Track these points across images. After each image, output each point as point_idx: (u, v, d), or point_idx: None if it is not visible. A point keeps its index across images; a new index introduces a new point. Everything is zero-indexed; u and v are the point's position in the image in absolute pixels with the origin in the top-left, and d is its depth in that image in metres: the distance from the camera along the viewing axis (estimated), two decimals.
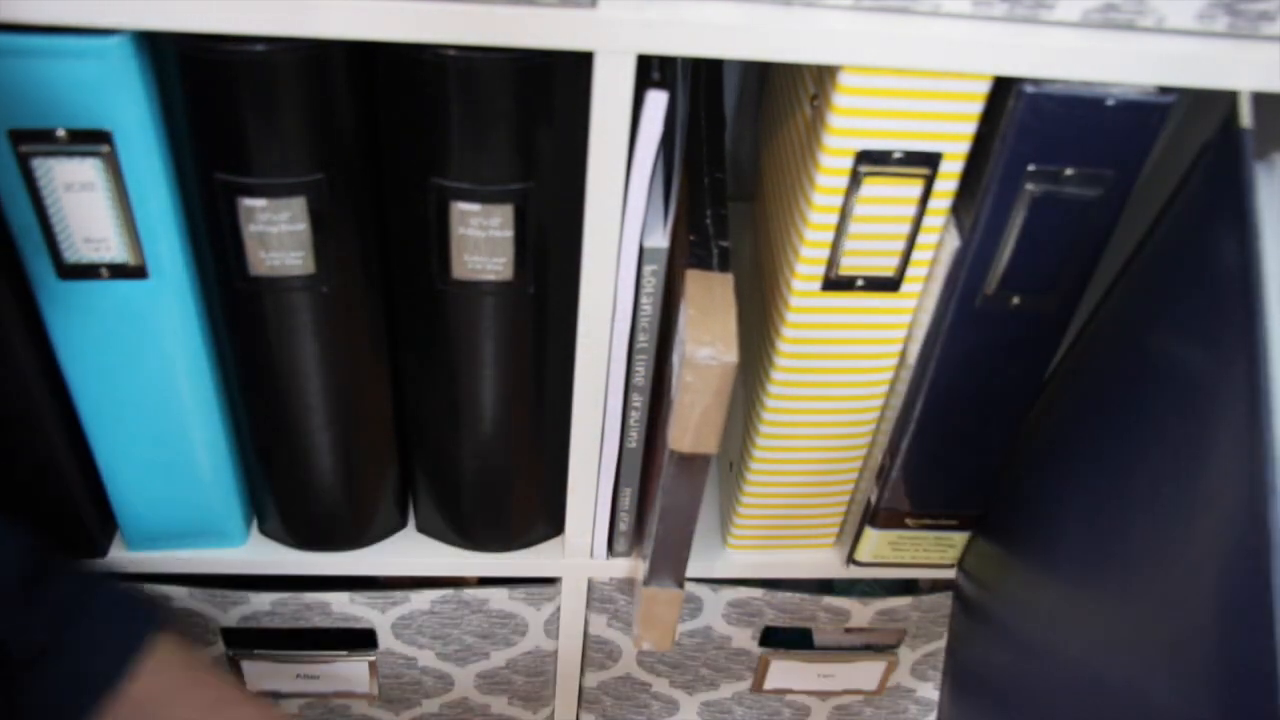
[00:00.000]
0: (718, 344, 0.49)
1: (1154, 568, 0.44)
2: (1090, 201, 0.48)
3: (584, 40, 0.43)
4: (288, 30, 0.43)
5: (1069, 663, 0.51)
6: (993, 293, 0.52)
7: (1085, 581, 0.51)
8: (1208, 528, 0.41)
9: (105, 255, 0.50)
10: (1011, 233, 0.49)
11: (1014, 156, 0.47)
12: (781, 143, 0.60)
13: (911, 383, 0.57)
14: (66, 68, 0.43)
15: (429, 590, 0.69)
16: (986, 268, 0.51)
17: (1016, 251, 0.50)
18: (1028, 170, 0.47)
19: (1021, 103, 0.45)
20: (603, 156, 0.47)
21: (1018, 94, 0.45)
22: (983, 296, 0.52)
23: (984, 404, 0.57)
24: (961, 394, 0.56)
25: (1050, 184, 0.48)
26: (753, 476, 0.63)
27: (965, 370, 0.55)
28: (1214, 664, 0.39)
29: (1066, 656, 0.51)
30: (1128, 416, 0.50)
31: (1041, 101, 0.45)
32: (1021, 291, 0.52)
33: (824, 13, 0.44)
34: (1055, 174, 0.47)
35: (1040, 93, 0.45)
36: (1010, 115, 0.46)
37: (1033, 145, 0.47)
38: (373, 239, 0.52)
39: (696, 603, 0.71)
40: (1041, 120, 0.46)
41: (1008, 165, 0.47)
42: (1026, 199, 0.48)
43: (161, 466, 0.59)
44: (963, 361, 0.55)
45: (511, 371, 0.56)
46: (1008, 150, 0.47)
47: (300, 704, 0.77)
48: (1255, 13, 0.44)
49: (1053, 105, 0.45)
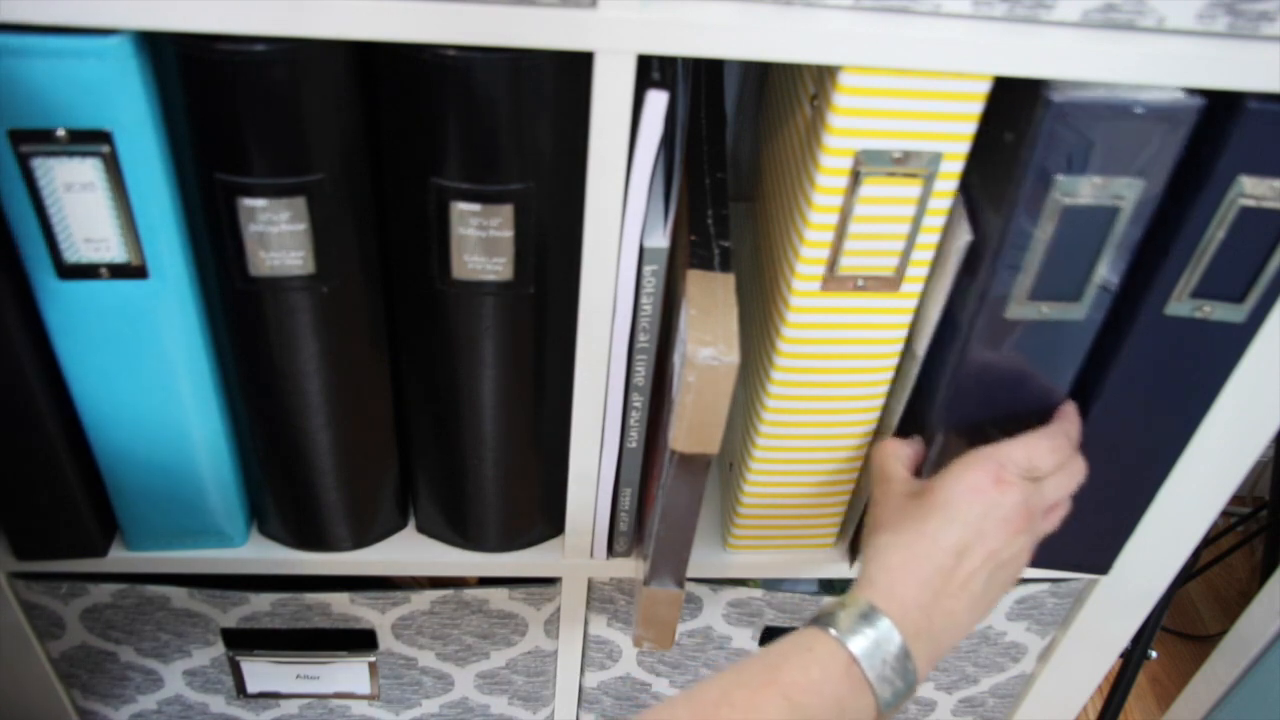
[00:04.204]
0: (719, 344, 0.49)
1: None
2: (1117, 209, 0.48)
3: (584, 40, 0.43)
4: (288, 30, 0.43)
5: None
6: (1023, 302, 0.51)
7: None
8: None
9: (105, 255, 0.50)
10: (1041, 242, 0.49)
11: (1040, 164, 0.47)
12: (781, 143, 0.60)
13: (929, 383, 0.57)
14: (66, 68, 0.43)
15: (429, 590, 0.69)
16: (1013, 277, 0.51)
17: (1046, 260, 0.50)
18: (1055, 179, 0.47)
19: (1049, 111, 0.45)
20: (603, 157, 0.47)
21: (1045, 102, 0.45)
22: (1013, 305, 0.52)
23: (1009, 409, 0.57)
24: (987, 399, 0.56)
25: (1077, 192, 0.47)
26: (753, 476, 0.62)
27: (990, 377, 0.55)
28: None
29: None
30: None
31: (1068, 109, 0.45)
32: (1050, 300, 0.52)
33: (824, 13, 0.44)
34: (1082, 182, 0.47)
35: (1067, 100, 0.45)
36: (1037, 123, 0.45)
37: (1060, 153, 0.46)
38: (373, 239, 0.52)
39: (696, 603, 0.71)
40: (1068, 128, 0.45)
41: (1035, 172, 0.47)
42: (1055, 207, 0.48)
43: (161, 466, 0.59)
44: (987, 369, 0.55)
45: (511, 371, 0.56)
46: (1034, 158, 0.46)
47: (300, 704, 0.77)
48: (1255, 13, 0.44)
49: (1079, 112, 0.45)
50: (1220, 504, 0.64)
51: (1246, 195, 0.48)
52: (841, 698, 0.46)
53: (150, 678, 0.74)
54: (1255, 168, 0.47)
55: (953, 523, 0.51)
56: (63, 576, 0.67)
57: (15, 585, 0.67)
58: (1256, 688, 0.91)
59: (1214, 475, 0.62)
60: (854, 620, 0.47)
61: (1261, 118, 0.46)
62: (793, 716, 0.44)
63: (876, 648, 0.47)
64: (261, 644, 0.72)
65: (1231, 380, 0.56)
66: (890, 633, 0.47)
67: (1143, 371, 0.55)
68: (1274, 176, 0.48)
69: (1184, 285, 0.52)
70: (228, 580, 0.68)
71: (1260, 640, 0.90)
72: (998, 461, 0.52)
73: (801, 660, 0.46)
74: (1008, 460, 0.52)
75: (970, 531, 0.50)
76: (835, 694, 0.46)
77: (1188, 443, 0.60)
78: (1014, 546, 0.51)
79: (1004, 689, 0.80)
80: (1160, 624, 1.11)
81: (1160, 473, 0.61)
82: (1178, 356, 0.55)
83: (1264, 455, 1.41)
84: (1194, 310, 0.53)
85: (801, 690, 0.45)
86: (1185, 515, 0.64)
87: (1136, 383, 0.56)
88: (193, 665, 0.73)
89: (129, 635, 0.71)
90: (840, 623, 0.47)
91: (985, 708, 0.82)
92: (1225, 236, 0.50)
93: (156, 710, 0.77)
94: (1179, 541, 0.66)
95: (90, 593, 0.68)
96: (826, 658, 0.46)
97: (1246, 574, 1.54)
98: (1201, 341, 0.54)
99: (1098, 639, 0.74)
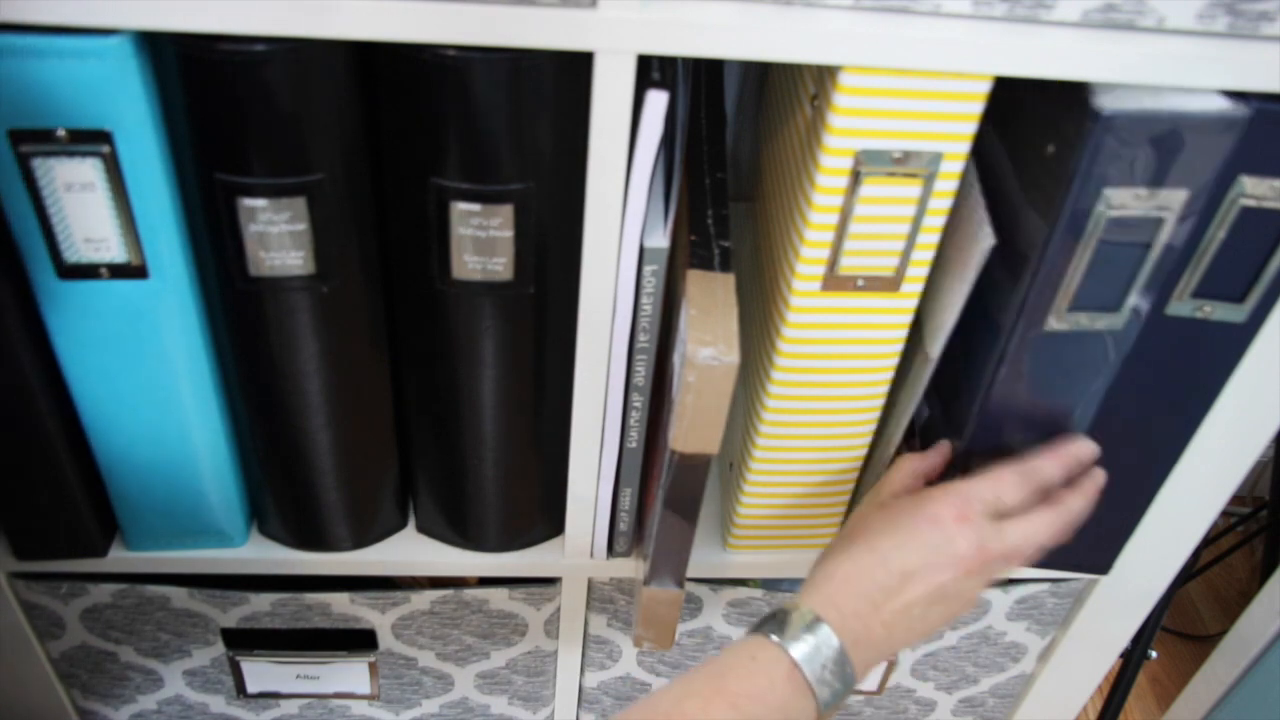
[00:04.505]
0: (719, 344, 0.49)
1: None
2: (1162, 220, 0.48)
3: (584, 40, 0.43)
4: (288, 30, 0.43)
5: None
6: (1063, 314, 0.51)
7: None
8: None
9: (105, 255, 0.50)
10: (1086, 252, 0.49)
11: (1087, 175, 0.46)
12: (781, 143, 0.60)
13: (958, 390, 0.57)
14: (66, 68, 0.43)
15: (429, 590, 0.69)
16: (1055, 288, 0.50)
17: (1088, 271, 0.49)
18: (1103, 191, 0.47)
19: (1098, 124, 0.44)
20: (603, 156, 0.47)
21: (1093, 114, 0.44)
22: (1053, 317, 0.51)
23: (1040, 420, 0.57)
24: (1020, 408, 0.56)
25: (1123, 204, 0.47)
26: (753, 476, 0.62)
27: (1025, 386, 0.55)
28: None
29: None
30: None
31: (1117, 121, 0.44)
32: (1087, 310, 0.51)
33: (824, 13, 0.44)
34: (1128, 193, 0.47)
35: (1117, 113, 0.44)
36: (1085, 135, 0.45)
37: (1107, 165, 0.46)
38: (372, 239, 0.52)
39: (696, 603, 0.71)
40: (1117, 139, 0.45)
41: (1081, 184, 0.46)
42: (1101, 219, 0.48)
43: (161, 466, 0.59)
44: (1022, 378, 0.54)
45: (511, 371, 0.56)
46: (1081, 169, 0.46)
47: (300, 704, 0.77)
48: (1255, 13, 0.44)
49: (1129, 124, 0.45)
50: (1220, 504, 0.64)
51: (1246, 195, 0.48)
52: (785, 701, 0.48)
53: (150, 678, 0.74)
54: (1255, 168, 0.47)
55: (904, 547, 0.52)
56: (63, 576, 0.67)
57: (15, 585, 0.67)
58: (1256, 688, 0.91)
59: (1214, 475, 0.62)
60: (794, 627, 0.50)
61: (1261, 118, 0.46)
62: None
63: (816, 652, 0.49)
64: (261, 644, 0.72)
65: (1232, 380, 0.56)
66: (829, 637, 0.49)
67: (1143, 371, 0.55)
68: (1274, 176, 0.48)
69: (1184, 285, 0.52)
70: (228, 580, 0.68)
71: (1260, 640, 0.90)
72: (964, 498, 0.53)
73: (747, 669, 0.48)
74: (974, 498, 0.53)
75: (919, 559, 0.51)
76: (779, 699, 0.48)
77: (1188, 443, 0.60)
78: (961, 585, 0.52)
79: (1004, 689, 0.80)
80: (1160, 624, 1.11)
81: (1160, 473, 0.61)
82: (1178, 356, 0.55)
83: (1264, 455, 1.41)
84: (1194, 310, 0.53)
85: (748, 698, 0.47)
86: (1185, 515, 0.64)
87: (1136, 383, 0.56)
88: (193, 665, 0.73)
89: (129, 635, 0.71)
90: (781, 630, 0.50)
91: (985, 708, 0.82)
92: (1225, 236, 0.50)
93: (156, 710, 0.77)
94: (1179, 541, 0.66)
95: (90, 593, 0.68)
96: (770, 664, 0.49)
97: (1246, 574, 1.54)
98: (1202, 341, 0.54)
99: (1098, 639, 0.74)
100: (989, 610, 0.73)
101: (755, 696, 0.47)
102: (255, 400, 0.57)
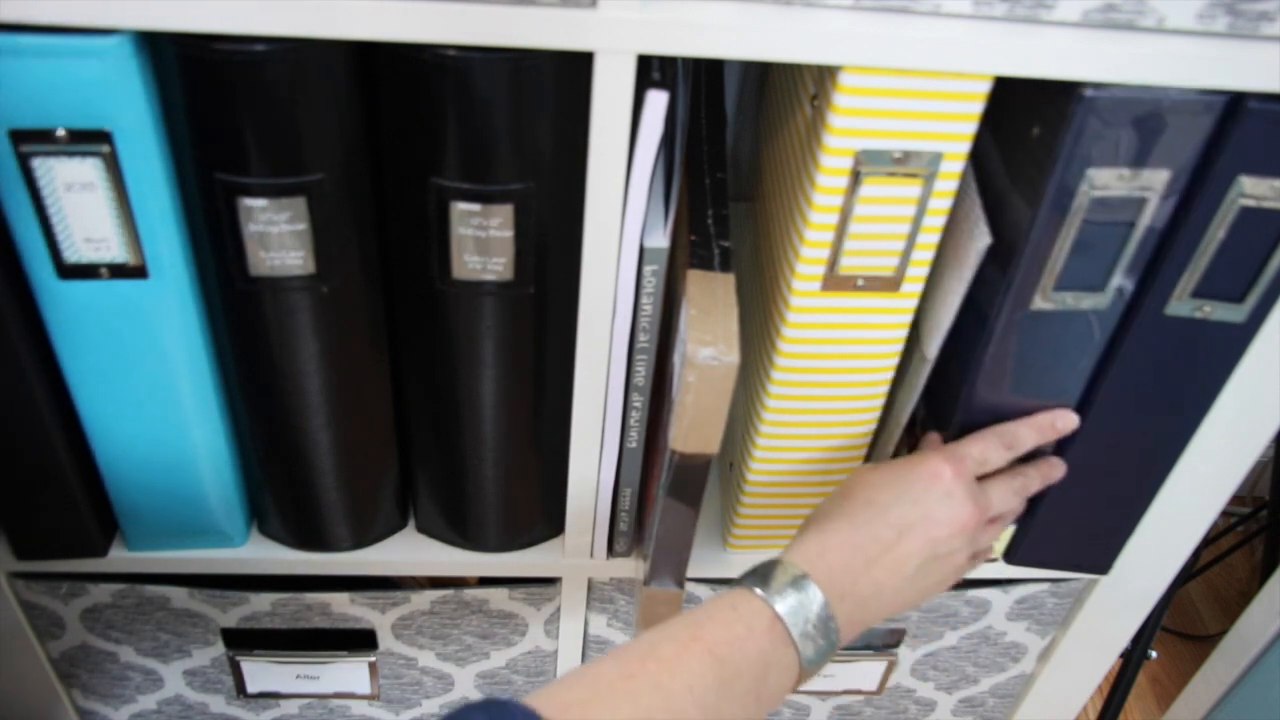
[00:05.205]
0: (719, 344, 0.49)
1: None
2: (1144, 200, 0.48)
3: (584, 40, 0.43)
4: (288, 30, 0.43)
5: None
6: (1048, 293, 0.52)
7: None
8: None
9: (105, 255, 0.50)
10: (1070, 232, 0.49)
11: (1071, 156, 0.47)
12: (781, 143, 0.60)
13: (949, 380, 0.57)
14: (66, 68, 0.43)
15: (429, 590, 0.69)
16: (1041, 268, 0.51)
17: (1073, 251, 0.50)
18: (1086, 172, 0.47)
19: (1081, 105, 0.45)
20: (603, 156, 0.47)
21: (1077, 96, 0.45)
22: (1038, 297, 0.52)
23: (1026, 402, 0.57)
24: (1008, 391, 0.56)
25: (1106, 184, 0.48)
26: (753, 476, 0.62)
27: (1012, 369, 0.55)
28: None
29: None
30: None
31: (1100, 103, 0.45)
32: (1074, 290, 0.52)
33: (824, 13, 0.44)
34: (1111, 174, 0.47)
35: (1099, 95, 0.45)
36: (1069, 117, 0.46)
37: (1091, 146, 0.46)
38: (372, 239, 0.52)
39: (697, 603, 0.71)
40: (1100, 120, 0.45)
41: (1065, 165, 0.47)
42: (1085, 199, 0.48)
43: (161, 466, 0.59)
44: (1010, 360, 0.55)
45: (511, 371, 0.56)
46: (1065, 151, 0.46)
47: (300, 704, 0.77)
48: (1255, 13, 0.44)
49: (1111, 106, 0.45)
50: (1220, 504, 0.64)
51: (1246, 195, 0.48)
52: (764, 652, 0.47)
53: (150, 678, 0.74)
54: (1255, 168, 0.47)
55: (902, 500, 0.52)
56: (63, 576, 0.67)
57: (15, 585, 0.67)
58: (1256, 688, 0.91)
59: (1214, 475, 0.62)
60: (779, 581, 0.49)
61: (1261, 118, 0.46)
62: (717, 669, 0.46)
63: (800, 606, 0.48)
64: (261, 644, 0.72)
65: (1231, 380, 0.56)
66: (814, 593, 0.49)
67: (1143, 371, 0.55)
68: (1274, 176, 0.48)
69: (1184, 285, 0.52)
70: (228, 580, 0.68)
71: (1260, 640, 0.90)
72: (958, 456, 0.54)
73: (726, 618, 0.48)
74: (965, 455, 0.54)
75: (918, 512, 0.51)
76: (758, 649, 0.47)
77: (1188, 443, 0.60)
78: (954, 544, 0.52)
79: (1004, 689, 0.80)
80: (1160, 624, 1.11)
81: (1160, 473, 0.61)
82: (1178, 356, 0.55)
83: (1264, 455, 1.41)
84: (1194, 310, 0.53)
85: (725, 645, 0.46)
86: (1185, 515, 0.64)
87: (1136, 383, 0.56)
88: (193, 665, 0.73)
89: (129, 635, 0.71)
90: (765, 583, 0.49)
91: (985, 708, 0.82)
92: (1225, 236, 0.50)
93: (156, 710, 0.77)
94: (1179, 541, 0.66)
95: (90, 593, 0.68)
96: (750, 615, 0.48)
97: (1246, 574, 1.54)
98: (1201, 341, 0.54)
99: (1098, 639, 0.74)
100: (989, 610, 0.73)
101: (733, 644, 0.47)
102: (255, 400, 0.57)
